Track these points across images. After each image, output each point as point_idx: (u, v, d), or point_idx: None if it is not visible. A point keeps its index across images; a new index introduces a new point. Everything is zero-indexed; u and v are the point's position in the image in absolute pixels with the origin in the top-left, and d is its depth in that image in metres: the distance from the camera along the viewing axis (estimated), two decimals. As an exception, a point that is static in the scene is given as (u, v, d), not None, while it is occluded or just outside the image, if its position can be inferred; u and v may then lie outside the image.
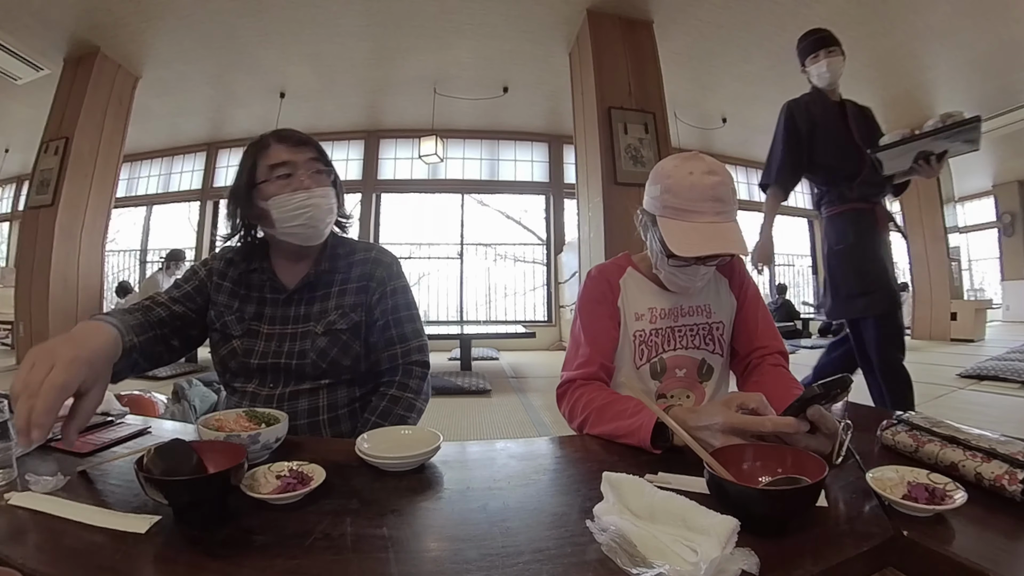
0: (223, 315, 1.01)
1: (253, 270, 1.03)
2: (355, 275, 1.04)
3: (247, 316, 1.01)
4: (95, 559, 0.46)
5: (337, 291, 1.02)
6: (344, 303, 1.01)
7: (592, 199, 4.19)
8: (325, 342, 0.98)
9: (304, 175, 0.96)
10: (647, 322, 1.01)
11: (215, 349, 1.03)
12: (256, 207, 0.98)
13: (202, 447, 0.61)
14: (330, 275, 1.03)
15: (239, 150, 4.96)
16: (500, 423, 3.04)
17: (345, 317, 1.00)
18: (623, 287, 1.03)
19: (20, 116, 5.90)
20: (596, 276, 1.05)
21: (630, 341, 1.00)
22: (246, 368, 0.99)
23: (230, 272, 1.04)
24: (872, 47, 4.88)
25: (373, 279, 1.04)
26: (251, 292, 1.03)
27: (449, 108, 6.16)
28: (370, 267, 1.05)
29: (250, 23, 4.53)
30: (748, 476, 0.57)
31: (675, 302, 1.03)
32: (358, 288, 1.03)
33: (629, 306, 1.02)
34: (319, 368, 0.98)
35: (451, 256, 7.50)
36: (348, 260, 1.05)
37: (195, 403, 2.46)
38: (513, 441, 0.82)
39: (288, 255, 1.03)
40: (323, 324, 0.99)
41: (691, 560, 0.43)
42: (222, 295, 1.03)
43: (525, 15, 4.47)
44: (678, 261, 0.91)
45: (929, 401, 3.32)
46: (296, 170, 0.96)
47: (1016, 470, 0.55)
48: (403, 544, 0.50)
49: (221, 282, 1.04)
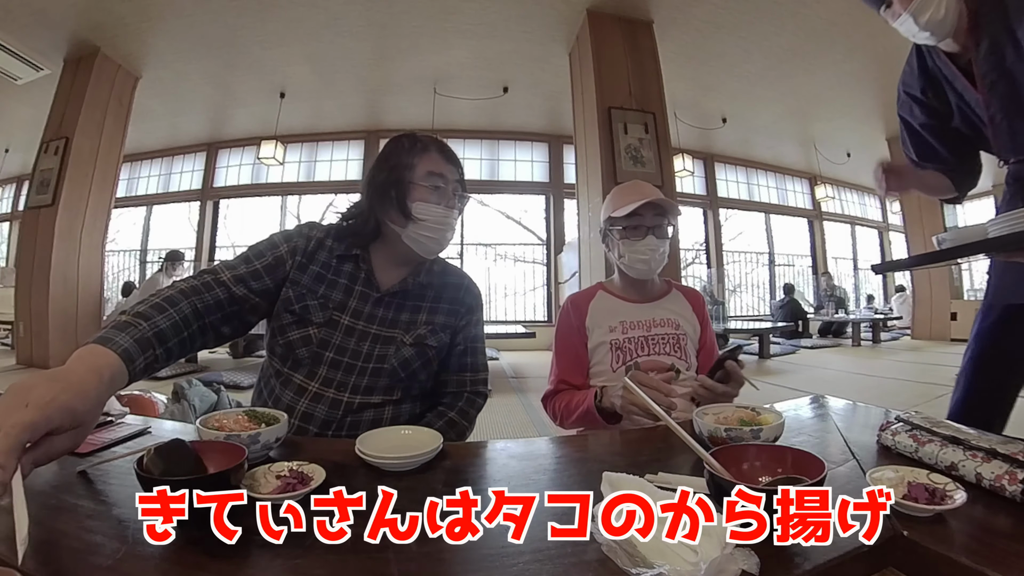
0: (305, 298, 0.94)
1: (351, 257, 0.99)
2: (447, 296, 1.04)
3: (331, 304, 0.95)
4: (95, 559, 0.46)
5: (429, 307, 1.02)
6: (435, 321, 1.00)
7: (592, 199, 4.19)
8: (411, 352, 0.96)
9: (452, 192, 0.99)
10: (620, 332, 1.19)
11: (282, 332, 0.94)
12: (396, 202, 0.95)
13: (202, 447, 0.61)
14: (424, 288, 1.02)
15: (239, 150, 5.00)
16: (500, 423, 3.04)
17: (435, 335, 0.99)
18: (591, 309, 1.23)
19: (20, 116, 5.90)
20: (567, 306, 1.26)
21: (607, 349, 1.18)
22: (318, 359, 0.93)
23: (320, 254, 0.99)
24: (872, 47, 4.87)
25: (464, 305, 1.06)
26: (340, 279, 0.98)
27: (449, 108, 6.16)
28: (463, 293, 1.07)
29: (250, 23, 4.54)
30: (748, 476, 0.57)
31: (645, 314, 1.22)
32: (450, 310, 1.03)
33: (598, 323, 1.21)
34: (396, 376, 0.95)
35: (451, 256, 7.47)
36: (442, 279, 1.06)
37: (195, 403, 2.46)
38: (513, 441, 0.82)
39: (394, 257, 1.01)
40: (412, 336, 0.97)
41: (691, 560, 0.43)
42: (307, 276, 0.96)
43: (525, 15, 4.47)
44: (631, 235, 1.16)
45: (929, 401, 3.32)
46: (448, 184, 0.98)
47: (1016, 470, 0.55)
48: (403, 544, 0.50)
49: (307, 262, 0.97)
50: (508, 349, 6.44)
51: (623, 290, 1.26)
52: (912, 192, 1.25)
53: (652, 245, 1.15)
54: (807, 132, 7.35)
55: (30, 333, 4.78)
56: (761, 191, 8.69)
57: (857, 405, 1.06)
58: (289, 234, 0.99)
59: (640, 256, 1.16)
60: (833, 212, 9.24)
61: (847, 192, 9.60)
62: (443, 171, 0.97)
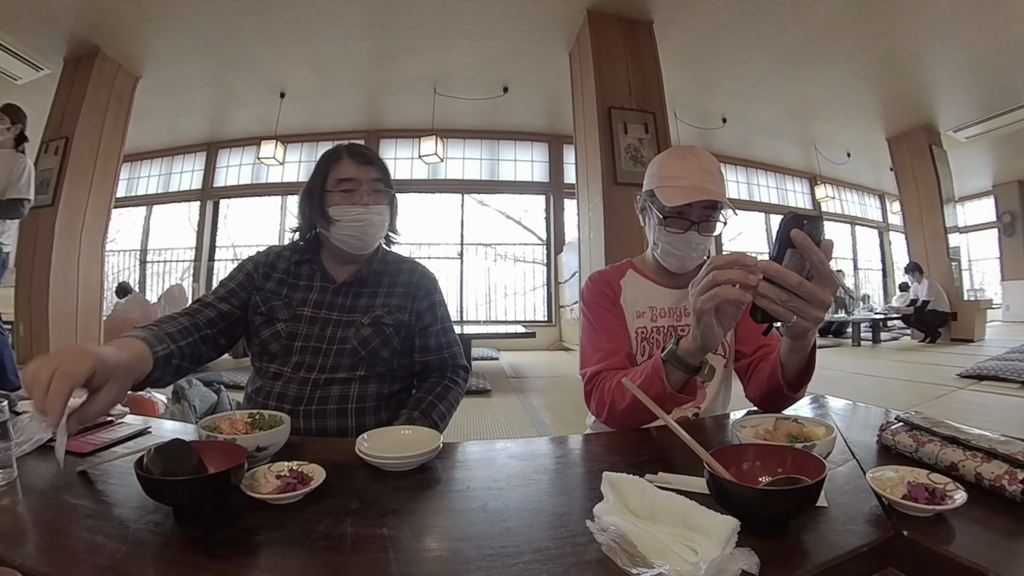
0: (270, 300, 1.07)
1: (304, 261, 1.13)
2: (402, 281, 1.14)
3: (295, 303, 1.08)
4: (95, 559, 0.46)
5: (385, 291, 1.12)
6: (391, 303, 1.10)
7: (592, 199, 4.19)
8: (369, 332, 1.06)
9: (365, 192, 1.07)
10: (648, 319, 1.06)
11: (256, 333, 1.07)
12: (320, 210, 1.08)
13: (202, 447, 0.61)
14: (379, 276, 1.14)
15: (239, 150, 5.00)
16: (500, 423, 3.04)
17: (391, 315, 1.09)
18: (624, 287, 1.09)
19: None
20: (597, 279, 1.11)
21: (632, 337, 1.05)
22: (288, 350, 1.04)
23: (279, 264, 1.13)
24: (872, 47, 4.88)
25: (420, 288, 1.15)
26: (299, 281, 1.11)
27: (449, 108, 6.15)
28: (417, 278, 1.16)
29: (250, 23, 4.53)
30: (748, 476, 0.57)
31: (676, 301, 1.08)
32: (405, 293, 1.13)
33: (630, 304, 1.07)
34: (358, 355, 1.04)
35: (451, 256, 7.50)
36: (397, 267, 1.17)
37: (195, 403, 2.47)
38: (513, 441, 0.82)
39: (337, 257, 1.13)
40: (370, 316, 1.07)
41: (691, 560, 0.43)
42: (270, 283, 1.10)
43: (525, 15, 4.47)
44: (673, 227, 0.99)
45: (929, 401, 3.32)
46: (359, 186, 1.07)
47: (1016, 470, 0.55)
48: (403, 544, 0.50)
49: (270, 272, 1.12)
50: (508, 349, 6.43)
51: (655, 272, 1.10)
52: None
53: (693, 243, 1.00)
54: (807, 132, 7.35)
55: (30, 333, 4.77)
56: (761, 191, 8.69)
57: (857, 405, 1.06)
58: (252, 256, 1.16)
59: (675, 251, 1.02)
60: (833, 212, 9.24)
61: (847, 192, 9.60)
62: (354, 175, 1.07)
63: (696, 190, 0.95)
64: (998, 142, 7.29)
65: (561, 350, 6.82)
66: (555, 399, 3.67)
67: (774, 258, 0.65)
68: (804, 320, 0.68)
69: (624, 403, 0.85)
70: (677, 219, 0.99)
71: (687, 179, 0.97)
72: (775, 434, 0.69)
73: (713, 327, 0.73)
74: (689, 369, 0.79)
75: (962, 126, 6.69)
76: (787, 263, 0.64)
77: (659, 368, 0.79)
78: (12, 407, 0.81)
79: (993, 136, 6.96)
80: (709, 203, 0.98)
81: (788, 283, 0.64)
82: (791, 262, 0.64)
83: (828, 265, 0.63)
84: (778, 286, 0.64)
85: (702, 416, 1.05)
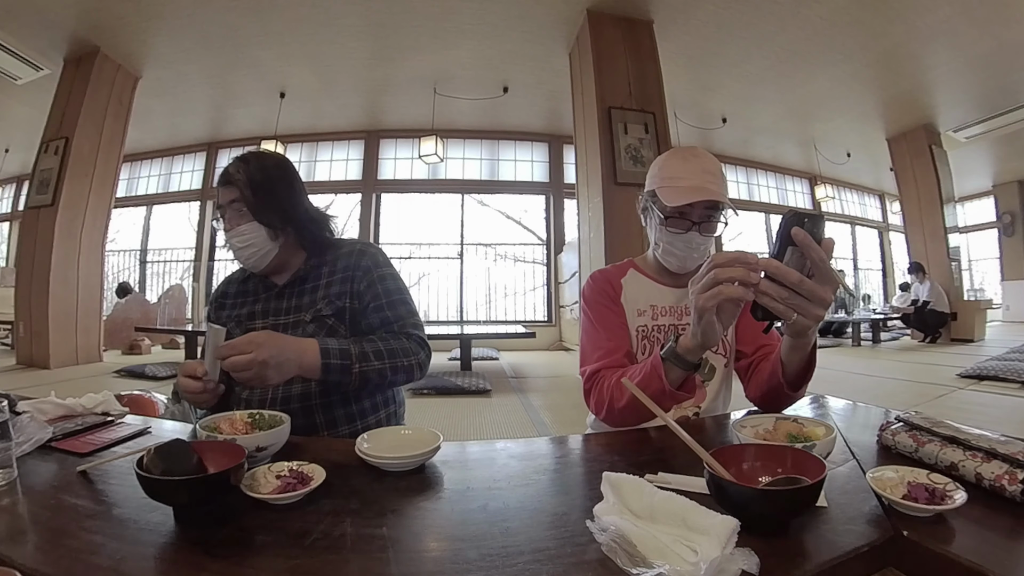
0: (226, 325, 1.07)
1: (248, 277, 1.17)
2: (340, 267, 1.11)
3: (243, 318, 1.11)
4: (95, 559, 0.46)
5: (324, 283, 1.10)
6: (330, 292, 1.09)
7: (592, 199, 4.19)
8: (312, 328, 1.06)
9: (231, 215, 1.07)
10: (649, 318, 1.07)
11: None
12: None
13: (202, 447, 0.61)
14: (318, 269, 1.12)
15: (239, 150, 4.99)
16: (500, 423, 3.04)
17: (331, 304, 1.07)
18: (625, 285, 1.09)
19: (20, 116, 5.90)
20: (598, 277, 1.11)
21: (633, 336, 1.05)
22: None
23: (230, 289, 1.19)
24: (872, 47, 4.88)
25: (359, 268, 1.10)
26: (247, 297, 1.15)
27: (449, 108, 6.16)
28: (355, 258, 1.12)
29: (250, 23, 4.54)
30: (748, 476, 0.57)
31: (677, 300, 1.08)
32: (343, 278, 1.10)
33: (630, 303, 1.07)
34: None
35: (451, 256, 7.50)
36: (335, 254, 1.14)
37: (195, 403, 2.46)
38: (513, 441, 0.82)
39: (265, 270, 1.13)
40: (311, 312, 1.07)
41: (691, 560, 0.43)
42: (225, 311, 1.16)
43: (525, 15, 4.47)
44: (675, 227, 1.00)
45: (929, 401, 3.32)
46: (227, 212, 1.07)
47: (1016, 470, 0.55)
48: (403, 544, 0.50)
49: (224, 302, 1.18)
50: (508, 349, 6.43)
51: (656, 271, 1.10)
52: None
53: (694, 243, 1.00)
54: (807, 132, 7.36)
55: (30, 333, 4.78)
56: (761, 191, 8.70)
57: (857, 405, 1.06)
58: (212, 294, 1.22)
59: (676, 251, 1.02)
60: (833, 212, 9.24)
61: (847, 192, 9.61)
62: (220, 201, 1.08)
63: (697, 190, 0.96)
64: (998, 142, 7.29)
65: (561, 350, 6.82)
66: (555, 399, 3.67)
67: (775, 256, 0.65)
68: (805, 318, 0.68)
69: (623, 401, 0.86)
70: (678, 219, 0.99)
71: (689, 179, 0.98)
72: (775, 434, 0.69)
73: (714, 324, 0.73)
74: (688, 366, 0.79)
75: (962, 126, 6.70)
76: (788, 261, 0.64)
77: (658, 366, 0.80)
78: (12, 407, 0.81)
79: (993, 136, 6.96)
80: (710, 203, 0.98)
81: (789, 281, 0.64)
82: (792, 260, 0.64)
83: (829, 263, 0.64)
84: (779, 284, 0.64)
85: (702, 416, 1.05)
